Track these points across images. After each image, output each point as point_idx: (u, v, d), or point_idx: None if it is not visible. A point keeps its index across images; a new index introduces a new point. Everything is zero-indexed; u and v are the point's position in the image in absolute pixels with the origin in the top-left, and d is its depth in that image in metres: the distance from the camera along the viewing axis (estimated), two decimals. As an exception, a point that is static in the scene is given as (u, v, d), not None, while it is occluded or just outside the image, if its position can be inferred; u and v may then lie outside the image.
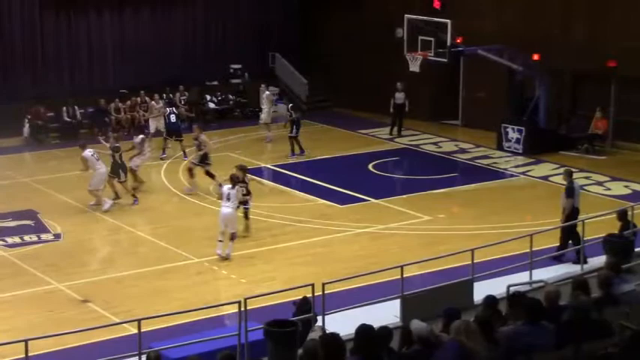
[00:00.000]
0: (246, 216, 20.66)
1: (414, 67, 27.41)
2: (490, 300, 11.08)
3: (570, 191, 18.71)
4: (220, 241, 19.24)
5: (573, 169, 25.62)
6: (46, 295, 17.51)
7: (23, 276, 18.39)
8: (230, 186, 19.41)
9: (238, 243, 20.07)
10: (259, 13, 34.35)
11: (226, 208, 19.18)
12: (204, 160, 23.77)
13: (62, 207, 22.75)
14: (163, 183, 25.02)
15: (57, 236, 20.76)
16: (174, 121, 27.57)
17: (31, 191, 24.13)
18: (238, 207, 19.74)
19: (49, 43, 30.95)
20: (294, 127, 27.59)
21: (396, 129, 30.45)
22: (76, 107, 30.15)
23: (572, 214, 18.58)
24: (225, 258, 19.12)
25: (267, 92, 30.29)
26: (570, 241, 18.46)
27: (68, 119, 30.04)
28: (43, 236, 20.73)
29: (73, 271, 18.66)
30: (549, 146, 27.69)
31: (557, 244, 18.56)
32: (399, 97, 30.27)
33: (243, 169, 20.80)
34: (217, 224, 19.56)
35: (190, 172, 24.04)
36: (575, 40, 28.13)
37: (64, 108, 29.98)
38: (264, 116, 29.93)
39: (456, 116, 31.98)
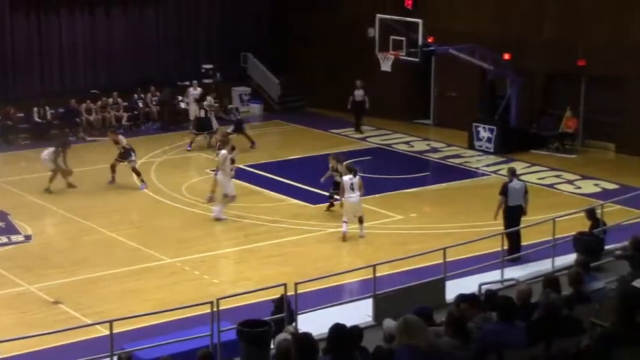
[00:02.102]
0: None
1: (386, 66, 27.51)
2: (462, 297, 11.10)
3: (503, 189, 18.96)
4: (345, 222, 20.37)
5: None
6: (17, 296, 17.40)
7: (-6, 278, 18.28)
8: (351, 176, 20.37)
9: (212, 243, 20.13)
10: (231, 12, 34.27)
11: (353, 198, 20.19)
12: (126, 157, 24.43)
13: (33, 208, 22.59)
14: (135, 183, 24.86)
15: (27, 237, 20.62)
16: (203, 116, 28.31)
17: (1, 192, 23.93)
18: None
19: (19, 44, 30.66)
20: (236, 126, 28.28)
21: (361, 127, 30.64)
22: (47, 108, 29.94)
23: (505, 212, 18.78)
24: (361, 237, 20.32)
25: (199, 89, 30.49)
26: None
27: (39, 120, 29.81)
28: (14, 238, 20.58)
29: (44, 273, 18.55)
30: (520, 145, 27.83)
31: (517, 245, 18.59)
32: (358, 94, 30.45)
33: (337, 158, 22.16)
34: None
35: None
36: (546, 40, 28.31)
37: (35, 109, 29.71)
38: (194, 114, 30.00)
39: (427, 115, 32.08)
